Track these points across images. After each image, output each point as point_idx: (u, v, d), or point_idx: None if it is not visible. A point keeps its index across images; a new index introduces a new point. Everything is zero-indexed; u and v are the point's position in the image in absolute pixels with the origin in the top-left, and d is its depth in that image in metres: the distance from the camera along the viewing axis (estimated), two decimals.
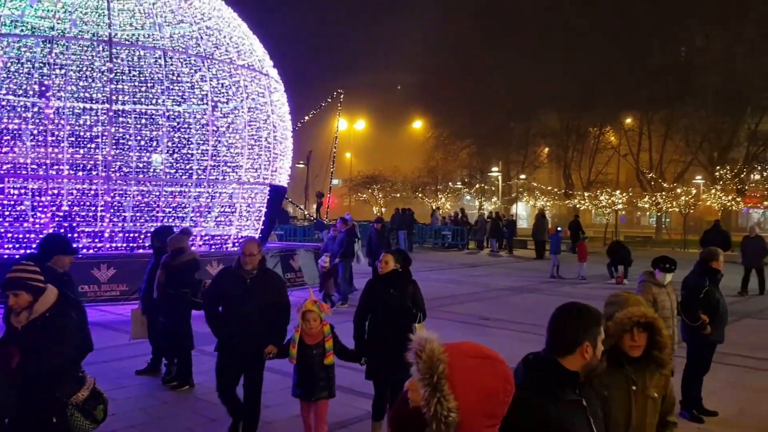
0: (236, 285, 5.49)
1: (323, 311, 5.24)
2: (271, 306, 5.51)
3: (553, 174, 57.42)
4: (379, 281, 5.83)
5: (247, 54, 14.91)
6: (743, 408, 7.23)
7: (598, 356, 2.56)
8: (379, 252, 14.23)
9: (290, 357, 5.25)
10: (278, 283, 5.80)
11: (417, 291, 5.90)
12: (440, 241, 31.99)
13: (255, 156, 14.77)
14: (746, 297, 16.04)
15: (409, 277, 5.90)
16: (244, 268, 5.52)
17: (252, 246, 5.59)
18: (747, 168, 36.36)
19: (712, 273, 6.86)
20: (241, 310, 5.43)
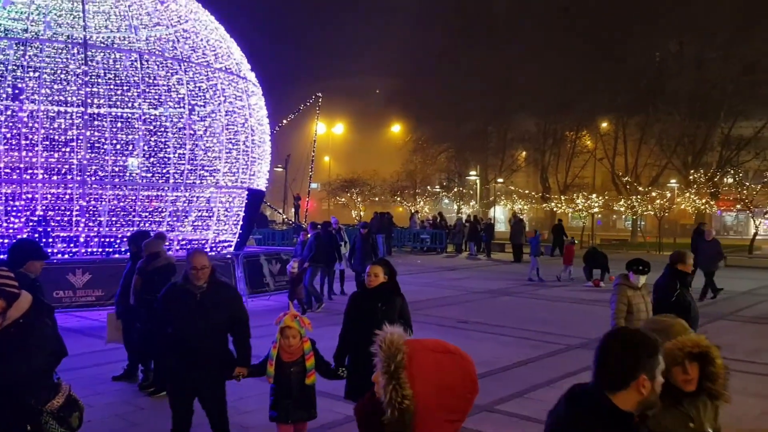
0: (185, 302, 4.92)
1: (304, 327, 4.78)
2: (228, 323, 5.02)
3: (531, 178, 57.89)
4: (366, 295, 5.41)
5: (225, 57, 14.83)
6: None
7: (657, 391, 2.22)
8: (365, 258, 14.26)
9: (268, 376, 4.80)
10: (234, 296, 5.24)
11: (405, 305, 5.57)
12: (419, 244, 32.06)
13: (233, 160, 14.68)
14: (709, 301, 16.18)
15: (397, 290, 5.53)
16: (193, 282, 4.96)
17: (202, 258, 5.02)
18: (720, 172, 36.95)
19: (681, 276, 6.95)
20: (192, 331, 4.86)
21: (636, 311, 6.56)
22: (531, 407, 7.16)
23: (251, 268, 13.90)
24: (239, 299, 5.27)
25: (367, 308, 5.30)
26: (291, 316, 4.76)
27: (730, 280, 19.83)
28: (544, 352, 9.93)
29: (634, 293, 6.60)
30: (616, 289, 6.67)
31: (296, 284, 12.81)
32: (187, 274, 4.99)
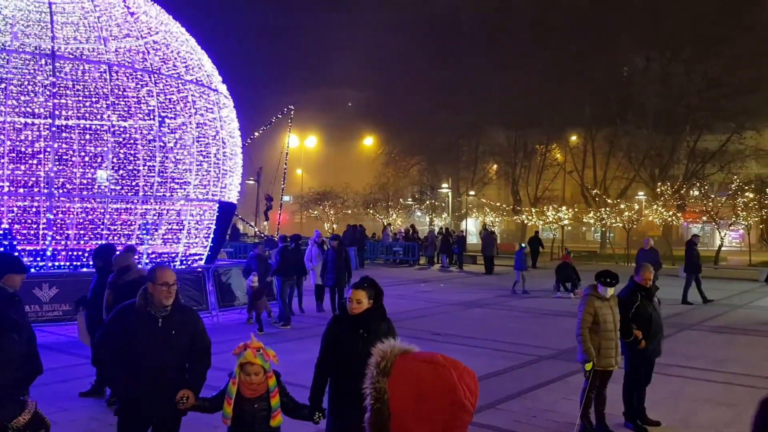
0: (145, 328, 4.27)
1: (268, 360, 4.06)
2: (189, 350, 4.43)
3: (502, 190, 58.48)
4: (346, 320, 4.71)
5: (196, 69, 14.75)
6: (684, 417, 7.46)
7: None
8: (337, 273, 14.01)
9: (224, 417, 4.05)
10: (197, 320, 4.62)
11: (392, 330, 4.79)
12: (391, 257, 32.09)
13: (204, 172, 14.56)
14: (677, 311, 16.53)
15: (382, 314, 4.81)
16: (156, 304, 4.32)
17: (169, 274, 4.38)
18: (686, 184, 37.73)
19: (642, 288, 7.08)
20: (154, 362, 4.23)
21: (603, 322, 6.66)
22: (502, 418, 7.20)
23: (222, 281, 13.79)
24: (202, 324, 4.64)
25: (347, 336, 4.62)
26: (253, 350, 4.03)
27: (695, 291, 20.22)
28: (516, 363, 10.01)
29: (601, 304, 6.70)
30: (584, 299, 6.77)
31: (256, 298, 12.55)
32: (149, 293, 4.35)
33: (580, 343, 6.63)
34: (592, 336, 6.61)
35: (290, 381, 4.87)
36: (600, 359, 6.61)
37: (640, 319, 6.94)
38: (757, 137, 40.41)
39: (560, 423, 7.14)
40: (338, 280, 14.31)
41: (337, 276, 14.30)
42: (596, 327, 6.63)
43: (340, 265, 14.39)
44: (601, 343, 6.63)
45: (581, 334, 6.61)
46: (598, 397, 6.81)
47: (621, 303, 6.94)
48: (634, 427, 6.96)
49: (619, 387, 7.13)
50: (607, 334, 6.66)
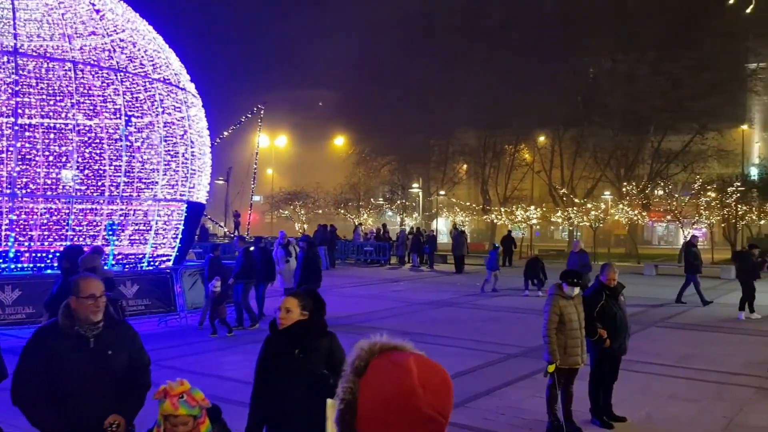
0: (75, 351, 3.64)
1: (196, 406, 3.28)
2: (125, 372, 3.82)
3: (472, 190, 58.89)
4: (278, 338, 4.00)
5: (163, 68, 14.57)
6: (650, 413, 7.61)
7: None
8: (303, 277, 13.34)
9: None
10: (134, 337, 3.99)
11: (336, 348, 4.09)
12: (362, 256, 32.10)
13: (171, 172, 14.39)
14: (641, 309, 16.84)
15: (321, 329, 4.09)
16: (83, 321, 3.70)
17: (94, 284, 3.77)
18: (651, 184, 38.45)
19: (607, 287, 7.21)
20: (89, 390, 3.63)
21: (568, 321, 6.76)
22: (472, 416, 7.27)
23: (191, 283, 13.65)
24: (140, 340, 4.05)
25: (280, 356, 3.94)
26: (173, 399, 3.23)
27: (660, 288, 20.65)
28: (484, 362, 10.10)
29: (566, 303, 6.80)
30: (550, 299, 6.86)
31: (218, 303, 12.11)
32: (73, 309, 3.69)
33: (547, 344, 6.72)
34: (558, 335, 6.71)
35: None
36: (566, 358, 6.71)
37: (604, 318, 7.06)
38: (718, 138, 41.39)
39: (528, 420, 7.23)
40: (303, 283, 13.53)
41: (302, 279, 13.42)
42: (562, 326, 6.73)
43: (306, 267, 13.52)
44: (567, 341, 6.73)
45: (548, 335, 6.70)
46: (565, 395, 6.91)
47: (586, 302, 7.05)
48: (601, 424, 7.09)
49: (585, 384, 7.24)
50: (573, 332, 6.77)
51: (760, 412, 7.62)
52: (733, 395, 8.38)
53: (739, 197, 31.23)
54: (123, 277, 12.62)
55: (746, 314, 14.97)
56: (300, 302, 4.02)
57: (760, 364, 9.98)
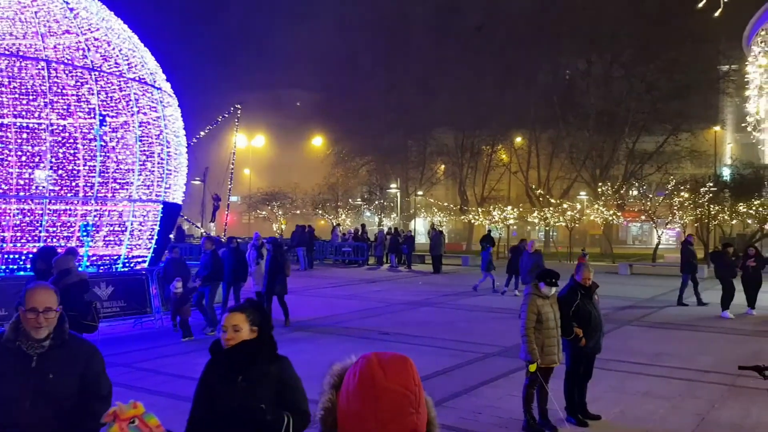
0: (12, 369, 3.13)
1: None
2: (74, 401, 3.20)
3: (449, 190, 59.16)
4: (220, 364, 3.39)
5: (138, 67, 14.42)
6: (624, 411, 7.72)
7: None
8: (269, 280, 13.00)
9: None
10: (90, 359, 3.34)
11: (289, 376, 3.47)
12: (340, 257, 32.06)
13: (147, 172, 14.26)
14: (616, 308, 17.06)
15: (269, 352, 3.41)
16: (29, 335, 3.18)
17: (41, 296, 3.22)
18: (626, 184, 38.94)
19: (582, 287, 7.30)
20: (21, 418, 3.08)
21: (545, 320, 6.84)
22: (449, 416, 7.30)
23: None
24: (100, 363, 3.39)
25: (220, 385, 3.33)
26: (122, 424, 2.81)
27: (634, 288, 20.93)
28: (463, 361, 10.16)
29: (543, 302, 6.88)
30: (527, 298, 6.92)
31: (180, 304, 11.81)
32: (19, 323, 3.21)
33: (525, 343, 6.78)
34: (535, 334, 6.77)
35: None
36: (543, 356, 6.79)
37: (580, 317, 7.15)
38: (691, 139, 42.08)
39: (505, 419, 7.29)
40: (268, 287, 13.18)
41: (268, 282, 13.17)
42: (539, 325, 6.80)
43: (271, 270, 13.13)
44: (544, 341, 6.80)
45: (526, 335, 6.76)
46: (541, 393, 6.99)
47: (561, 301, 7.13)
48: (576, 422, 7.17)
49: (560, 383, 7.32)
50: (550, 331, 6.85)
51: (731, 409, 7.76)
52: (706, 393, 8.53)
53: (712, 197, 31.75)
54: (98, 278, 12.47)
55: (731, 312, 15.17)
56: (248, 317, 3.34)
57: (731, 362, 10.16)
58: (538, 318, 6.80)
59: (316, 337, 12.06)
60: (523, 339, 6.78)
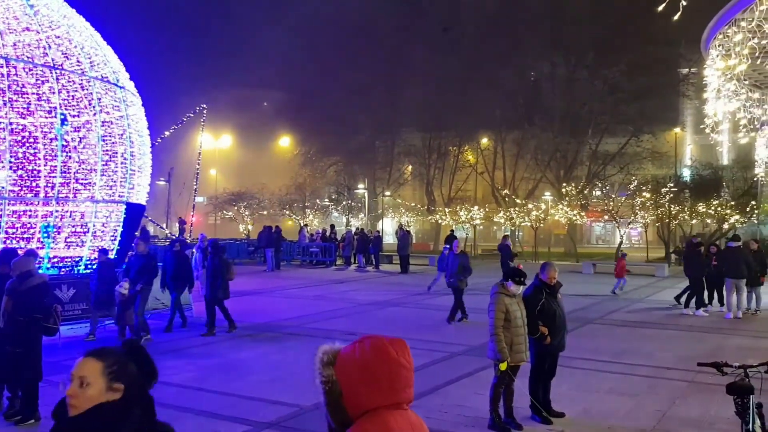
0: None
1: None
2: None
3: (417, 191, 59.39)
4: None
5: (101, 65, 14.17)
6: (587, 408, 7.85)
7: None
8: (212, 284, 12.15)
9: None
10: None
11: None
12: (308, 258, 31.94)
13: (110, 172, 14.01)
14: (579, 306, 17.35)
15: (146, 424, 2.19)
16: None
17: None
18: (589, 185, 39.58)
19: (547, 286, 7.42)
20: None
21: (513, 318, 6.92)
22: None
23: None
24: None
25: None
26: None
27: (598, 286, 21.28)
28: (429, 360, 10.21)
29: (510, 301, 6.96)
30: (494, 297, 6.99)
31: (125, 308, 11.26)
32: None
33: (494, 342, 6.83)
34: (504, 333, 6.84)
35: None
36: (512, 355, 6.87)
37: (545, 316, 7.25)
38: (653, 140, 43.00)
39: (470, 417, 7.36)
40: (211, 292, 12.57)
41: (210, 287, 12.58)
42: (507, 324, 6.87)
43: (212, 274, 12.59)
44: (513, 339, 6.88)
45: (495, 333, 6.81)
46: (507, 392, 7.07)
47: (527, 300, 7.23)
48: (541, 419, 7.27)
49: (525, 381, 7.42)
50: (517, 330, 6.93)
51: (691, 405, 7.96)
52: (667, 389, 8.73)
53: (673, 197, 32.48)
54: (59, 280, 12.22)
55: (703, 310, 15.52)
56: (107, 368, 2.15)
57: (691, 359, 10.40)
58: (506, 316, 6.87)
59: (284, 339, 12.00)
60: (493, 338, 6.83)
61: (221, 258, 12.88)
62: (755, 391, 4.80)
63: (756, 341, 12.10)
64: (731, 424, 5.89)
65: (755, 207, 32.16)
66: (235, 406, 7.70)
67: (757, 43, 22.53)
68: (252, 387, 8.52)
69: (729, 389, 4.81)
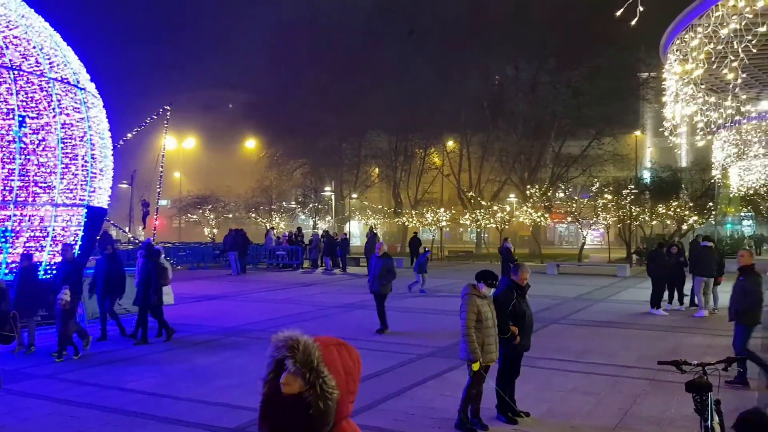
0: None
1: None
2: None
3: (384, 193, 59.46)
4: None
5: (61, 66, 13.87)
6: (551, 407, 7.96)
7: None
8: (144, 291, 11.39)
9: None
10: None
11: None
12: (275, 261, 31.74)
13: (71, 175, 13.72)
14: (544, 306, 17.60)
15: None
16: None
17: None
18: (552, 187, 40.14)
19: (518, 287, 7.52)
20: None
21: (485, 319, 7.01)
22: (382, 418, 7.36)
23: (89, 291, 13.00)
24: None
25: None
26: None
27: (561, 287, 21.60)
28: (396, 363, 10.24)
29: (482, 302, 7.04)
30: (467, 299, 7.03)
31: (68, 317, 10.73)
32: None
33: (467, 342, 6.88)
34: (476, 333, 6.91)
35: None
36: (483, 355, 6.94)
37: (515, 316, 7.36)
38: (614, 143, 43.83)
39: (437, 419, 7.41)
40: (144, 299, 12.02)
41: (142, 294, 12.01)
42: (479, 324, 6.94)
43: (144, 279, 11.96)
44: (484, 339, 6.96)
45: (468, 334, 6.87)
46: (476, 393, 7.13)
47: (499, 300, 7.32)
48: (506, 419, 7.35)
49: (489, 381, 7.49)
50: (488, 330, 7.02)
51: (652, 403, 8.13)
52: (628, 387, 8.90)
53: (633, 199, 33.16)
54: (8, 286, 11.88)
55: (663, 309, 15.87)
56: None
57: (652, 358, 10.63)
58: (478, 317, 6.95)
59: (248, 344, 11.89)
60: (465, 339, 6.88)
61: (155, 262, 12.28)
62: (713, 388, 4.93)
63: (714, 339, 12.42)
64: (691, 420, 6.03)
65: (712, 208, 33.00)
66: (199, 412, 7.60)
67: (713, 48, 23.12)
68: (216, 392, 8.43)
69: (688, 387, 4.94)
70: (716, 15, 22.82)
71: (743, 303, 9.02)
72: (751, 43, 21.17)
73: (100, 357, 10.81)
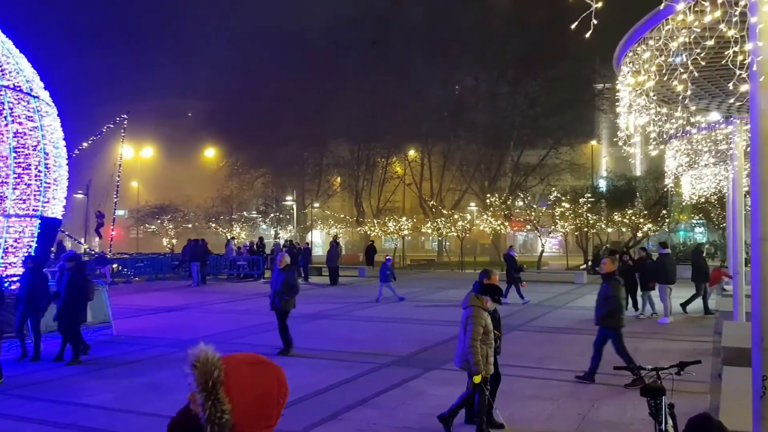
0: None
1: None
2: None
3: (346, 202, 59.43)
4: None
5: (13, 74, 13.53)
6: (512, 414, 8.04)
7: None
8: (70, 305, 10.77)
9: None
10: None
11: None
12: (235, 271, 31.39)
13: (23, 186, 13.36)
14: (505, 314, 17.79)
15: None
16: None
17: None
18: (512, 196, 40.69)
19: (489, 290, 7.61)
20: None
21: (489, 332, 7.14)
22: (345, 428, 7.35)
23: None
24: None
25: None
26: None
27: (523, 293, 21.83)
28: (358, 373, 10.23)
29: (486, 315, 7.19)
30: (473, 311, 7.11)
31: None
32: None
33: (472, 355, 6.95)
34: (480, 346, 7.01)
35: None
36: (487, 366, 7.07)
37: (494, 322, 7.50)
38: (571, 152, 44.72)
39: (400, 428, 7.42)
40: (71, 316, 11.13)
41: (65, 309, 11.10)
42: (484, 337, 7.05)
43: (69, 295, 11.11)
44: (488, 351, 7.07)
45: (474, 347, 6.95)
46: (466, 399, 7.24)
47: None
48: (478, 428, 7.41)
49: (454, 390, 7.55)
50: (490, 342, 7.13)
51: (609, 408, 8.30)
52: (586, 393, 9.06)
53: (590, 207, 33.82)
54: None
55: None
56: None
57: (609, 363, 10.83)
58: (484, 330, 7.05)
59: None
60: (471, 351, 6.96)
61: (84, 276, 11.53)
62: (667, 392, 5.07)
63: (669, 344, 12.74)
64: (646, 424, 6.17)
65: (666, 216, 33.86)
66: (157, 427, 7.45)
67: (663, 60, 23.79)
68: (174, 406, 8.20)
69: (643, 391, 5.06)
70: (667, 28, 23.52)
71: (605, 307, 9.70)
72: (700, 56, 21.85)
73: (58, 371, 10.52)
